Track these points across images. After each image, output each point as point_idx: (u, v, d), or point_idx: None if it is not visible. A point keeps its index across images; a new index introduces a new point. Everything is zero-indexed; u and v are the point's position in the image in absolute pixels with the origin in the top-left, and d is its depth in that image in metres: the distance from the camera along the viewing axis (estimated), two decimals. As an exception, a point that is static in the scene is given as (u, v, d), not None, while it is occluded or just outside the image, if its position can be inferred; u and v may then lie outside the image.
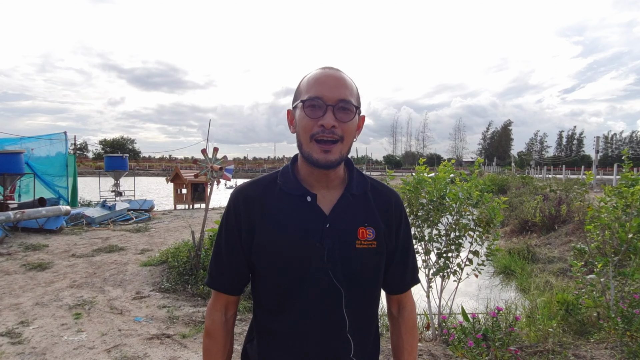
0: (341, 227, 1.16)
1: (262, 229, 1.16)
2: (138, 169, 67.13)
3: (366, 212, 1.20)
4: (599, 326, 3.92)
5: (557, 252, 8.59)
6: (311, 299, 1.14)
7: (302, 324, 1.15)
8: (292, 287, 1.15)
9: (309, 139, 1.11)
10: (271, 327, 1.19)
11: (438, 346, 3.91)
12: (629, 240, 3.72)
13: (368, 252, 1.17)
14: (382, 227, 1.21)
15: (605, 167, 56.20)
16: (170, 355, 3.87)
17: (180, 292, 5.71)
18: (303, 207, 1.16)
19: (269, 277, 1.17)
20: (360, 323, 1.20)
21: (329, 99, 1.09)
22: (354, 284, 1.17)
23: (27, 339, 4.15)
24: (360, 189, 1.22)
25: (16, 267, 6.95)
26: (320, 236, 1.13)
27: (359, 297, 1.18)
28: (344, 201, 1.19)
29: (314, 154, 1.11)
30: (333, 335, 1.16)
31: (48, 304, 5.21)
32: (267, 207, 1.17)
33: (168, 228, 11.51)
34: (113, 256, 7.85)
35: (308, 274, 1.13)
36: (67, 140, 14.73)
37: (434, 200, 4.13)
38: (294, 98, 1.19)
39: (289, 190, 1.18)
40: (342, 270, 1.14)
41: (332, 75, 1.13)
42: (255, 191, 1.21)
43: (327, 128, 1.08)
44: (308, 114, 1.10)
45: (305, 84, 1.14)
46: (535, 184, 19.66)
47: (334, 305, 1.15)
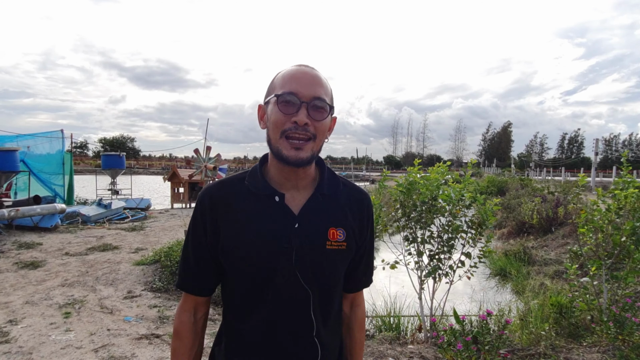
0: (311, 228, 1.13)
1: (227, 230, 1.13)
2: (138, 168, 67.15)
3: (337, 213, 1.18)
4: (592, 330, 3.88)
5: (553, 254, 8.55)
6: (279, 301, 1.12)
7: (270, 326, 1.13)
8: (259, 289, 1.12)
9: (280, 134, 1.08)
10: (238, 329, 1.16)
11: (429, 348, 3.87)
12: (622, 243, 3.68)
13: (338, 254, 1.15)
14: (353, 229, 1.19)
15: (605, 170, 56.20)
16: (158, 355, 3.83)
17: (171, 291, 5.67)
18: (271, 207, 1.13)
19: (236, 279, 1.15)
20: (328, 325, 1.18)
21: (303, 95, 1.07)
22: (323, 285, 1.14)
23: (15, 338, 4.11)
24: (332, 189, 1.20)
25: (8, 265, 6.91)
26: (288, 237, 1.10)
27: (327, 299, 1.17)
28: (314, 201, 1.16)
29: (283, 150, 1.07)
30: (300, 340, 1.13)
31: (38, 302, 5.17)
32: (233, 208, 1.14)
33: (164, 227, 11.47)
34: (106, 255, 7.81)
35: (275, 276, 1.11)
36: (64, 138, 14.70)
37: (426, 201, 4.09)
38: (267, 93, 1.16)
39: (256, 189, 1.15)
40: (311, 272, 1.12)
41: (308, 72, 1.11)
42: (221, 191, 1.18)
43: (300, 125, 1.06)
44: (281, 109, 1.07)
45: (280, 80, 1.12)
46: (534, 185, 19.62)
47: (302, 307, 1.12)
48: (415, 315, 5.07)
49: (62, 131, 14.53)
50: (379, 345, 4.05)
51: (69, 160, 14.79)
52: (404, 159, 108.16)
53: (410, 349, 3.90)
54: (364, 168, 68.31)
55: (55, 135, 14.50)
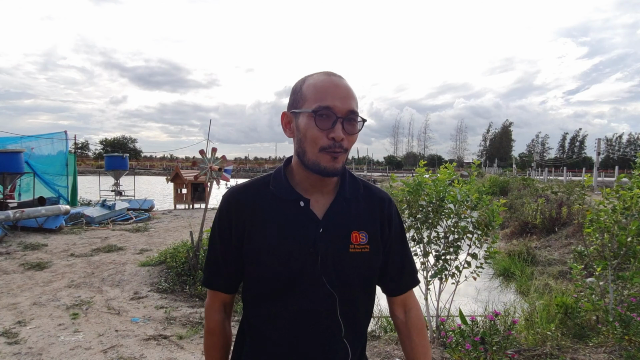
0: (335, 232, 1.14)
1: (252, 234, 1.15)
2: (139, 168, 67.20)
3: (359, 216, 1.19)
4: (598, 330, 3.90)
5: (557, 254, 8.56)
6: (305, 305, 1.13)
7: (297, 329, 1.14)
8: (284, 293, 1.13)
9: (318, 150, 1.09)
10: (264, 332, 1.17)
11: (436, 349, 3.89)
12: (628, 243, 3.70)
13: (361, 256, 1.16)
14: (375, 230, 1.20)
15: (607, 169, 56.12)
16: (166, 356, 3.86)
17: (178, 292, 5.70)
18: (296, 212, 1.15)
19: (262, 282, 1.16)
20: (355, 327, 1.19)
21: (339, 110, 1.07)
22: (348, 288, 1.15)
23: (24, 339, 4.14)
24: (353, 193, 1.21)
25: (15, 267, 6.95)
26: (313, 241, 1.12)
27: (353, 302, 1.17)
28: (337, 205, 1.17)
29: (322, 163, 1.09)
30: (329, 341, 1.15)
31: (46, 303, 5.20)
32: (259, 212, 1.16)
33: (167, 228, 11.50)
34: (112, 256, 7.85)
35: (301, 280, 1.12)
36: (67, 140, 14.74)
37: (433, 202, 4.12)
38: (294, 101, 1.15)
39: (281, 194, 1.16)
40: (336, 275, 1.13)
41: (341, 84, 1.11)
42: (246, 195, 1.20)
43: (337, 141, 1.07)
44: (318, 125, 1.08)
45: (312, 91, 1.10)
46: (536, 185, 19.63)
47: (329, 310, 1.13)
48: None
49: (66, 132, 14.58)
50: (385, 345, 4.08)
51: (72, 161, 14.83)
52: (405, 159, 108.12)
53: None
54: (365, 168, 68.33)
55: (58, 137, 14.54)
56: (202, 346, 4.16)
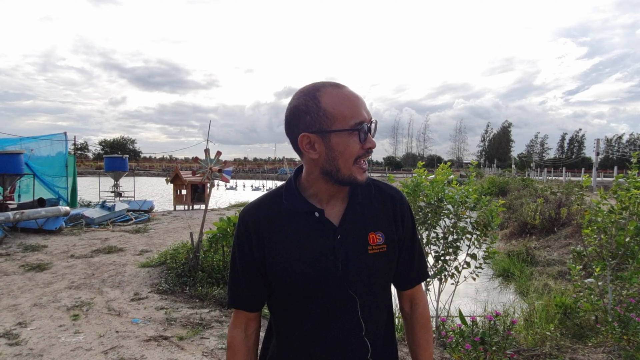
0: (352, 237, 1.17)
1: (272, 250, 1.17)
2: (138, 169, 67.19)
3: (373, 217, 1.22)
4: (597, 330, 3.91)
5: (556, 254, 8.58)
6: (328, 308, 1.16)
7: (320, 332, 1.18)
8: (309, 299, 1.17)
9: (353, 162, 1.12)
10: (289, 334, 1.22)
11: (436, 349, 3.91)
12: (626, 244, 3.71)
13: (380, 257, 1.19)
14: (391, 229, 1.23)
15: (605, 170, 56.19)
16: (167, 357, 3.87)
17: (178, 293, 5.71)
18: (312, 223, 1.17)
19: (286, 292, 1.19)
20: (376, 325, 1.22)
21: (368, 121, 1.12)
22: (369, 289, 1.19)
23: (25, 340, 4.15)
24: (365, 196, 1.24)
25: (15, 268, 6.96)
26: (332, 249, 1.15)
27: (374, 302, 1.21)
28: (352, 210, 1.20)
29: (357, 176, 1.14)
30: (351, 340, 1.19)
31: (46, 305, 5.21)
32: (276, 228, 1.18)
33: (167, 229, 11.51)
34: (112, 257, 7.85)
35: (324, 288, 1.15)
36: (67, 141, 14.74)
37: (432, 203, 4.13)
38: (315, 121, 1.10)
39: (296, 207, 1.19)
40: (357, 279, 1.16)
41: (357, 95, 1.14)
42: (262, 212, 1.21)
43: (373, 148, 1.14)
44: (362, 140, 1.11)
45: (340, 108, 1.10)
46: (535, 186, 19.65)
47: (350, 313, 1.17)
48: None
49: (66, 134, 14.59)
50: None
51: (72, 162, 14.84)
52: (404, 160, 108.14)
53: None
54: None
55: (58, 138, 14.55)
56: (202, 347, 4.16)
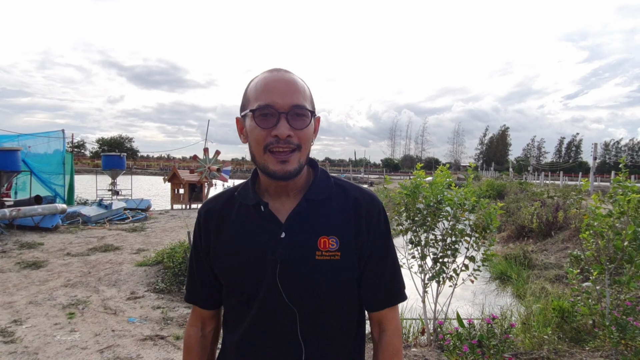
0: (298, 237, 1.05)
1: (216, 241, 1.12)
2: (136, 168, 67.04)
3: (328, 219, 1.08)
4: (594, 334, 3.91)
5: (553, 258, 8.60)
6: (262, 319, 1.05)
7: (254, 346, 1.07)
8: (245, 305, 1.08)
9: (263, 150, 1.02)
10: (227, 344, 1.15)
11: (433, 351, 3.90)
12: (624, 248, 3.72)
13: (330, 265, 1.04)
14: (349, 235, 1.08)
15: (602, 174, 56.39)
16: (163, 356, 3.85)
17: (175, 293, 5.69)
18: (257, 217, 1.09)
19: (226, 292, 1.13)
20: (323, 351, 1.06)
21: (281, 106, 1.00)
22: (313, 302, 1.05)
23: (20, 338, 4.12)
24: (322, 194, 1.10)
25: (11, 265, 6.92)
26: (273, 247, 1.04)
27: (321, 319, 1.06)
28: (302, 208, 1.07)
29: (270, 166, 1.02)
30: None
31: (42, 303, 5.18)
32: (224, 220, 1.13)
33: (164, 228, 11.47)
34: (108, 255, 7.82)
35: (259, 290, 1.05)
36: (64, 138, 14.71)
37: (431, 205, 4.13)
38: (242, 105, 1.08)
39: (244, 200, 1.12)
40: (297, 287, 1.03)
41: (282, 79, 1.03)
42: (215, 205, 1.17)
43: (282, 138, 0.99)
44: (259, 124, 1.00)
45: (253, 91, 1.04)
46: (532, 189, 19.70)
47: (288, 329, 1.04)
48: (417, 318, 5.10)
49: (63, 131, 14.55)
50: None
51: (69, 160, 14.79)
52: (402, 162, 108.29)
53: (413, 351, 3.93)
54: (362, 170, 68.38)
55: (55, 135, 14.51)
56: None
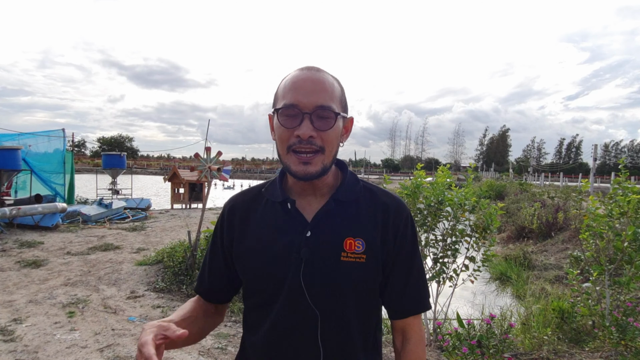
0: (324, 237, 1.03)
1: (241, 237, 1.11)
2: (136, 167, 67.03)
3: (355, 221, 1.07)
4: (594, 335, 3.91)
5: (553, 259, 8.60)
6: (282, 320, 1.03)
7: (270, 348, 1.05)
8: (265, 304, 1.06)
9: (286, 149, 1.01)
10: (246, 344, 1.13)
11: (433, 352, 3.90)
12: (624, 249, 3.72)
13: (355, 267, 1.02)
14: (375, 239, 1.06)
15: (602, 175, 56.39)
16: (163, 356, 3.85)
17: (175, 292, 5.69)
18: (283, 215, 1.07)
19: (247, 290, 1.12)
20: (341, 355, 1.04)
21: (305, 106, 0.98)
22: (335, 305, 1.02)
23: (20, 337, 4.12)
24: (351, 195, 1.09)
25: (11, 264, 6.92)
26: (298, 247, 1.02)
27: (341, 323, 1.03)
28: (329, 207, 1.06)
29: (292, 166, 1.01)
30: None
31: (42, 301, 5.18)
32: (250, 216, 1.12)
33: (164, 227, 11.47)
34: (108, 255, 7.82)
35: (282, 290, 1.02)
36: (64, 137, 14.71)
37: (431, 205, 4.13)
38: (273, 103, 1.08)
39: (271, 197, 1.10)
40: (320, 288, 1.01)
41: (310, 78, 1.01)
42: (241, 200, 1.16)
43: (304, 139, 0.98)
44: (283, 124, 1.00)
45: (282, 89, 1.03)
46: (532, 190, 19.70)
47: (308, 331, 1.01)
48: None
49: (64, 130, 14.56)
50: (382, 348, 4.08)
51: (69, 159, 14.80)
52: (402, 162, 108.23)
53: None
54: (362, 171, 68.40)
55: (56, 134, 14.50)
56: (199, 346, 4.13)
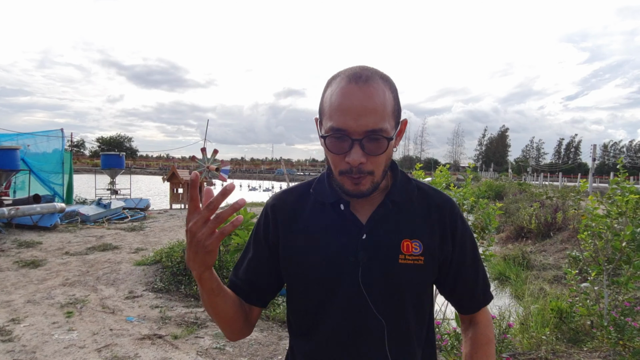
0: (381, 239, 0.99)
1: (287, 239, 1.05)
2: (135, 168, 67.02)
3: (411, 222, 1.03)
4: (592, 335, 3.91)
5: (552, 259, 8.60)
6: (342, 329, 0.98)
7: (332, 357, 1.00)
8: (317, 310, 1.01)
9: (338, 173, 0.96)
10: (295, 352, 1.07)
11: (431, 352, 3.90)
12: (622, 249, 3.72)
13: (414, 269, 0.99)
14: (432, 241, 1.03)
15: (602, 175, 56.45)
16: (161, 356, 3.85)
17: (173, 292, 5.68)
18: (336, 216, 1.02)
19: (295, 294, 1.07)
20: (407, 357, 1.02)
21: (354, 131, 0.89)
22: (398, 311, 0.99)
23: (18, 337, 4.11)
24: (405, 196, 1.04)
25: (9, 264, 6.91)
26: (354, 250, 0.98)
27: (403, 329, 1.00)
28: (384, 209, 1.01)
29: (345, 185, 0.96)
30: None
31: (40, 301, 5.18)
32: (297, 216, 1.06)
33: (163, 227, 11.46)
34: (107, 255, 7.81)
35: (337, 296, 0.98)
36: (63, 137, 14.69)
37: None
38: (319, 108, 0.99)
39: (321, 198, 1.04)
40: (381, 293, 0.97)
41: (359, 96, 0.89)
42: (287, 200, 1.11)
43: (354, 166, 0.92)
44: (331, 149, 0.93)
45: (329, 102, 0.93)
46: (531, 190, 19.72)
47: (373, 340, 0.98)
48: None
49: (62, 130, 14.54)
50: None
51: (68, 159, 14.77)
52: (401, 163, 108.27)
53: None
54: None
55: (55, 134, 14.49)
56: (197, 346, 4.12)
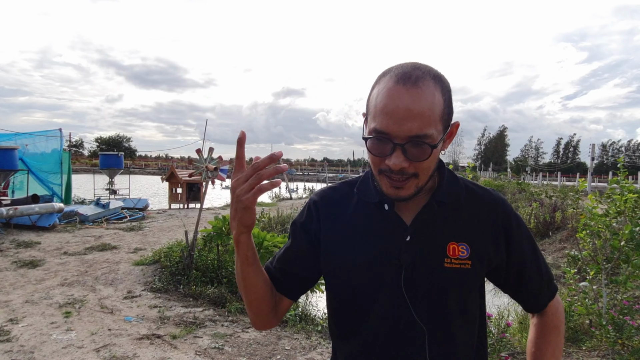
0: (426, 241, 0.96)
1: (329, 237, 1.03)
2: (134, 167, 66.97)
3: (458, 224, 0.98)
4: (591, 334, 3.92)
5: (550, 258, 8.61)
6: (380, 332, 0.96)
7: (368, 359, 0.99)
8: (357, 312, 0.99)
9: (378, 172, 0.93)
10: (337, 354, 1.06)
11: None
12: (621, 248, 3.72)
13: (460, 274, 0.95)
14: (481, 243, 0.98)
15: (600, 175, 56.54)
16: (160, 356, 3.84)
17: (172, 292, 5.67)
18: (379, 217, 0.99)
19: (335, 294, 1.05)
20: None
21: (396, 135, 0.86)
22: (442, 318, 0.95)
23: (16, 337, 4.10)
24: (452, 196, 1.00)
25: (7, 264, 6.89)
26: (397, 252, 0.95)
27: (447, 336, 0.96)
28: (430, 210, 0.97)
29: (383, 187, 0.94)
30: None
31: (38, 301, 5.16)
32: (340, 214, 1.04)
33: (162, 227, 11.45)
34: (105, 255, 7.80)
35: (379, 300, 0.96)
36: (62, 137, 14.69)
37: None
38: (367, 104, 0.96)
39: (365, 197, 1.02)
40: (425, 297, 0.94)
41: (405, 98, 0.85)
42: (331, 196, 1.09)
43: (394, 170, 0.89)
44: (372, 151, 0.90)
45: (374, 102, 0.90)
46: (530, 190, 19.73)
47: (413, 348, 0.94)
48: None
49: (61, 130, 14.52)
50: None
51: (67, 159, 14.76)
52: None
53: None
54: (360, 170, 68.51)
55: (53, 134, 14.48)
56: (195, 346, 4.12)
